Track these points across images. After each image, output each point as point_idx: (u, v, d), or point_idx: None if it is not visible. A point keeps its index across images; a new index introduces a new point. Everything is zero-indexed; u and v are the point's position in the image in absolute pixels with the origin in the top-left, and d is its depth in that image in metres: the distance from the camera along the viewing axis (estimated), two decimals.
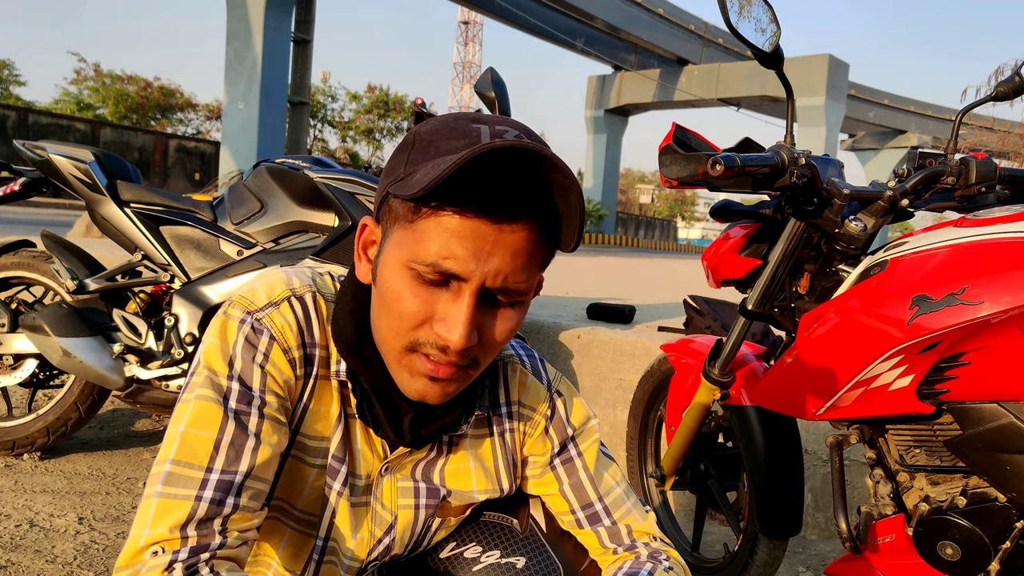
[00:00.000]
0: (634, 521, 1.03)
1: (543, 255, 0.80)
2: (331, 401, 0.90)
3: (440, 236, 0.74)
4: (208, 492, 0.77)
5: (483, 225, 0.74)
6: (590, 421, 1.04)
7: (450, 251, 0.74)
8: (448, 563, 1.03)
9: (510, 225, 0.74)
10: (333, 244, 2.34)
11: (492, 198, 0.73)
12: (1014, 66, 1.47)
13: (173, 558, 0.74)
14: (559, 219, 0.77)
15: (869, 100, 33.83)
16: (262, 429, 0.82)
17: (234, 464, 0.79)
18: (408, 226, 0.76)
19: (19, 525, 2.01)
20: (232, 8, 18.43)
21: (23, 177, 2.55)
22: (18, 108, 23.50)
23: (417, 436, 0.90)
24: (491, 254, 0.74)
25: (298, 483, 0.92)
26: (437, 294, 0.77)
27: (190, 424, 0.80)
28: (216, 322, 0.85)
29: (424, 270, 0.75)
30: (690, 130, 1.37)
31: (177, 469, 0.78)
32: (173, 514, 0.76)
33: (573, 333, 3.24)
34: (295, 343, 0.86)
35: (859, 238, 1.34)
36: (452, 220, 0.73)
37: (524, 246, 0.76)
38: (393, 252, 0.78)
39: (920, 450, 1.30)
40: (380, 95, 40.11)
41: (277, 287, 0.87)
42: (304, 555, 0.95)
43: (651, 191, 67.89)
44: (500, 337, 0.80)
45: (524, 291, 0.79)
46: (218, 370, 0.82)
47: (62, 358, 2.33)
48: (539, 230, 0.77)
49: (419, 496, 0.96)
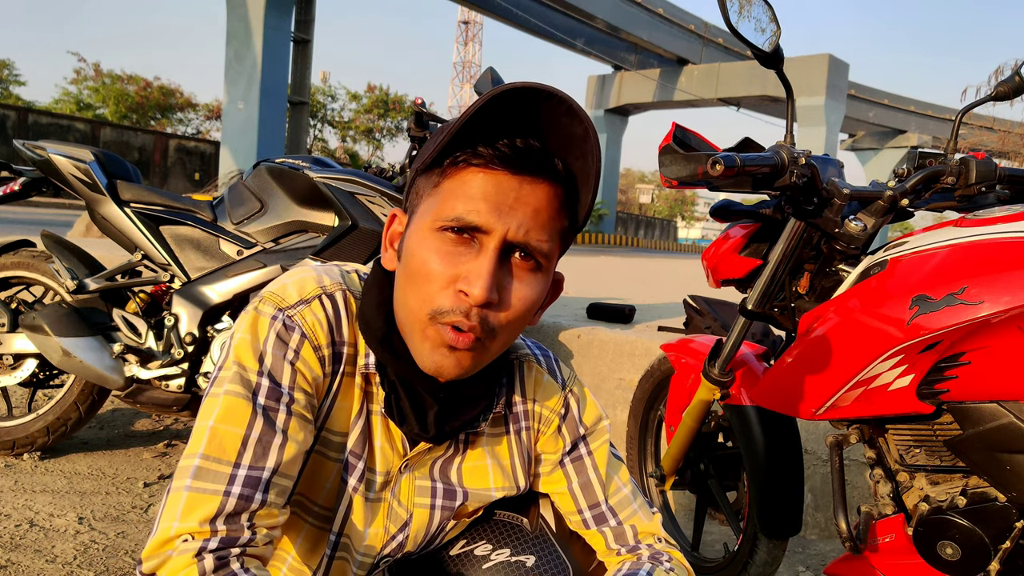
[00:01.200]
0: (639, 522, 1.04)
1: (563, 225, 0.83)
2: (353, 397, 0.91)
3: (464, 192, 0.78)
4: (236, 488, 0.78)
5: (505, 178, 0.77)
6: (602, 421, 1.05)
7: (473, 204, 0.78)
8: (459, 560, 1.04)
9: (530, 180, 0.78)
10: (333, 244, 2.34)
11: (512, 153, 0.77)
12: (1014, 66, 1.47)
13: (203, 546, 0.75)
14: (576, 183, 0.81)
15: (869, 100, 33.82)
16: (289, 426, 0.83)
17: (262, 460, 0.80)
18: (433, 191, 0.81)
19: (19, 525, 2.01)
20: (232, 8, 18.42)
21: (23, 177, 2.55)
22: (18, 108, 23.48)
23: (441, 431, 0.91)
24: (513, 208, 0.78)
25: (319, 478, 0.92)
26: (461, 254, 0.79)
27: (219, 420, 0.80)
28: (246, 318, 0.85)
29: (449, 224, 0.78)
30: (690, 130, 1.37)
31: (206, 464, 0.78)
32: (203, 508, 0.76)
33: (573, 333, 3.24)
34: (325, 341, 0.87)
35: (859, 238, 1.34)
36: (475, 176, 0.78)
37: (545, 205, 0.79)
38: (418, 223, 0.82)
39: (920, 450, 1.30)
40: (380, 95, 40.07)
41: (308, 285, 0.88)
42: (320, 550, 0.96)
43: (651, 191, 67.88)
44: (519, 303, 0.82)
45: (546, 252, 0.81)
46: (248, 365, 0.82)
47: (62, 358, 2.33)
48: (559, 193, 0.80)
49: (436, 496, 0.97)
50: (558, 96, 0.75)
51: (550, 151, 0.79)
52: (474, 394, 0.92)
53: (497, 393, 0.97)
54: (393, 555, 1.00)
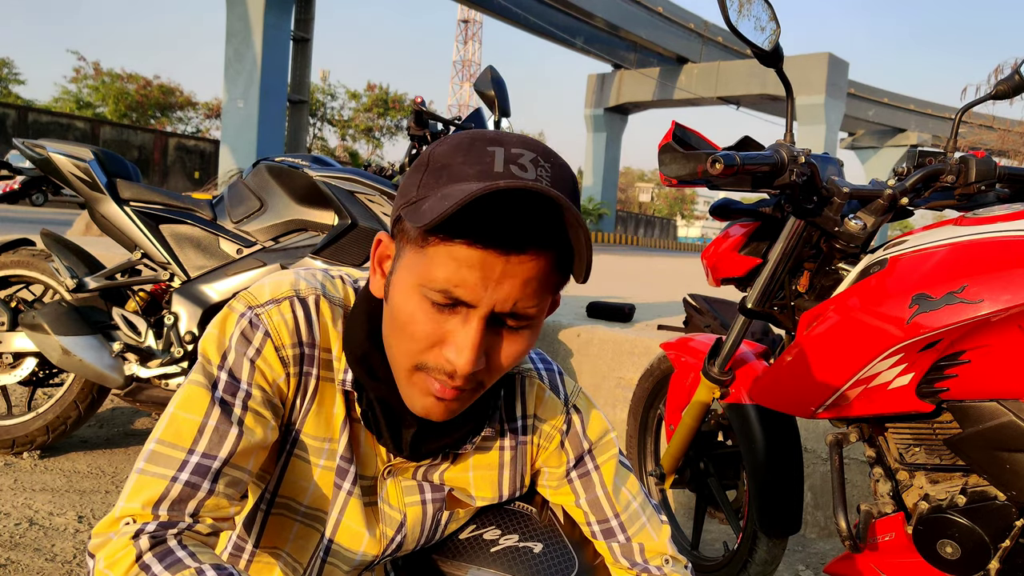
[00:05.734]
0: (648, 539, 1.03)
1: (555, 281, 0.79)
2: (334, 404, 0.92)
3: (449, 264, 0.74)
4: (184, 475, 0.79)
5: (491, 256, 0.73)
6: (608, 435, 1.05)
7: (460, 279, 0.74)
8: (467, 544, 1.04)
9: (518, 256, 0.74)
10: (333, 243, 2.34)
11: (499, 232, 0.73)
12: (1014, 64, 1.47)
13: (141, 528, 0.77)
14: (571, 249, 0.76)
15: (869, 98, 33.82)
16: (245, 419, 0.84)
17: (215, 449, 0.81)
18: (419, 250, 0.76)
19: (19, 523, 2.01)
20: (232, 7, 18.42)
21: (23, 175, 2.55)
22: (18, 106, 23.49)
23: (416, 451, 0.91)
24: (500, 283, 0.74)
25: (302, 481, 0.93)
26: (447, 318, 0.77)
27: (179, 407, 0.83)
28: (220, 314, 0.88)
29: (435, 296, 0.75)
30: (690, 128, 1.37)
31: (160, 448, 0.81)
32: (148, 491, 0.79)
33: (572, 331, 3.24)
34: (289, 341, 0.87)
35: (859, 236, 1.34)
36: (461, 250, 0.73)
37: (534, 275, 0.76)
38: (405, 273, 0.79)
39: (920, 448, 1.30)
40: (380, 93, 40.07)
41: (282, 286, 0.89)
42: (310, 547, 0.97)
43: (651, 189, 67.89)
44: (507, 361, 0.81)
45: (534, 315, 0.79)
46: (212, 359, 0.85)
47: (62, 356, 2.33)
48: (550, 260, 0.76)
49: (424, 492, 0.98)
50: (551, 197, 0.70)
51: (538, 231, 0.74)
52: (456, 421, 0.90)
53: (489, 416, 0.95)
54: (394, 554, 1.01)
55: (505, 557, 1.01)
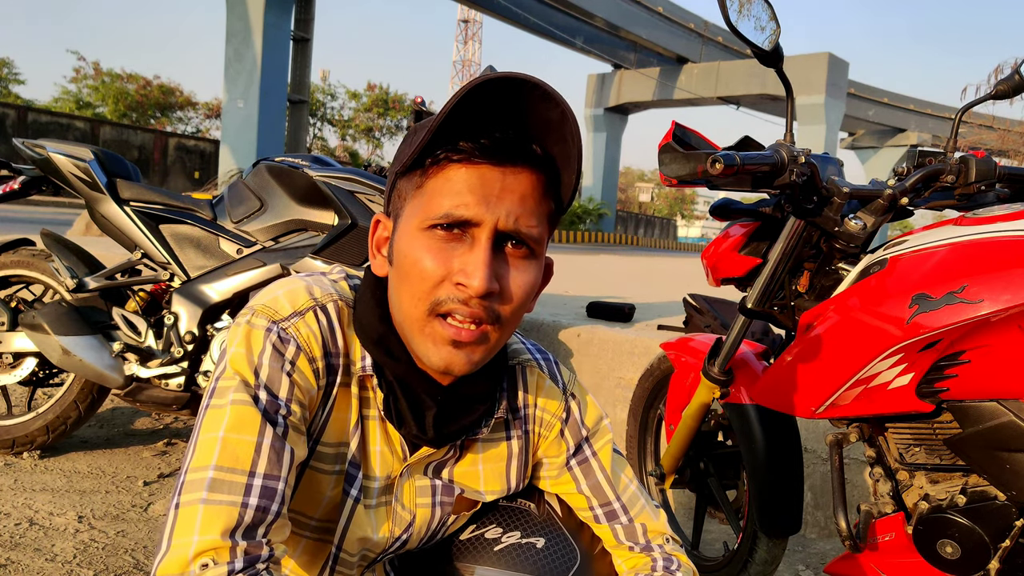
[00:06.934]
0: (649, 520, 1.06)
1: (549, 209, 0.84)
2: (348, 407, 0.91)
3: (449, 188, 0.79)
4: (253, 499, 0.76)
5: (488, 170, 0.78)
6: (603, 421, 1.06)
7: (461, 199, 0.78)
8: (470, 544, 1.05)
9: (513, 169, 0.79)
10: (333, 243, 2.34)
11: (491, 141, 0.78)
12: (1014, 64, 1.47)
13: (230, 569, 0.72)
14: (557, 167, 0.82)
15: (869, 98, 33.82)
16: (288, 437, 0.82)
17: (275, 469, 0.79)
18: (417, 193, 0.81)
19: (19, 523, 2.01)
20: (232, 7, 18.42)
21: (23, 175, 2.55)
22: (17, 106, 23.47)
23: (440, 433, 0.91)
24: (500, 198, 0.79)
25: (316, 494, 0.92)
26: (453, 249, 0.80)
27: (230, 429, 0.78)
28: (240, 331, 0.84)
29: (438, 221, 0.79)
30: (690, 128, 1.37)
31: (221, 475, 0.76)
32: (221, 521, 0.74)
33: (573, 331, 3.24)
34: (320, 353, 0.86)
35: (859, 236, 1.34)
36: (458, 171, 0.78)
37: (530, 191, 0.81)
38: (405, 225, 0.82)
39: (920, 448, 1.30)
40: (380, 93, 40.05)
41: (300, 297, 0.88)
42: (320, 561, 0.96)
43: (651, 189, 67.87)
44: (518, 289, 0.82)
45: (536, 237, 0.82)
46: (247, 378, 0.81)
47: (62, 356, 2.33)
48: (542, 178, 0.81)
49: (436, 494, 0.98)
50: (531, 82, 0.75)
51: (529, 137, 0.80)
52: (474, 396, 0.92)
53: (498, 398, 0.97)
54: (395, 552, 1.01)
55: (509, 555, 1.02)
